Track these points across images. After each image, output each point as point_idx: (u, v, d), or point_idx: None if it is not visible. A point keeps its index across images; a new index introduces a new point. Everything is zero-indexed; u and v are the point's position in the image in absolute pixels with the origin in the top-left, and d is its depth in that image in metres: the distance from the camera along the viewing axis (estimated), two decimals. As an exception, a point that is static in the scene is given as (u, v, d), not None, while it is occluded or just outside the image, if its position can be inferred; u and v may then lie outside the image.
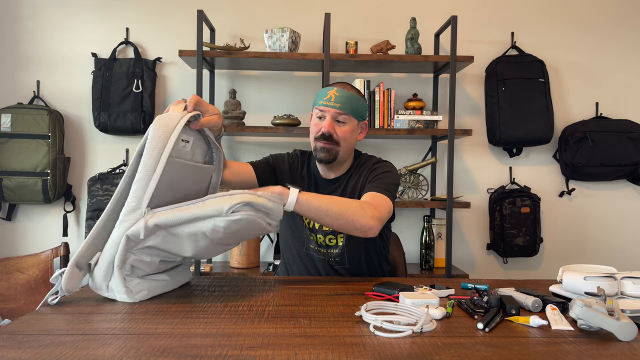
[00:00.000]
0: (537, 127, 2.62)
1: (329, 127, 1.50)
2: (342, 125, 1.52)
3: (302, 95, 2.75)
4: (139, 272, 1.14)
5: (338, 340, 0.85)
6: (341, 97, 1.50)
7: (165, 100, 2.74)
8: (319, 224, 1.54)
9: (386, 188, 1.47)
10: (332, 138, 1.50)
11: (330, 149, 1.51)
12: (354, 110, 1.52)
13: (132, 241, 1.08)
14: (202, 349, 0.80)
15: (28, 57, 2.71)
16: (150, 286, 1.15)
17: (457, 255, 2.79)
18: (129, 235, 1.07)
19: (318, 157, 1.54)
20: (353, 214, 1.27)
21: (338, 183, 1.59)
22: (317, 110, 1.54)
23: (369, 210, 1.31)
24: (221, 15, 2.72)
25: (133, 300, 1.11)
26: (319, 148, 1.52)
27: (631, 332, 0.87)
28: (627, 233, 2.82)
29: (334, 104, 1.50)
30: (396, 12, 2.77)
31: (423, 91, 2.77)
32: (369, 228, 1.29)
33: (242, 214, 1.06)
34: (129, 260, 1.10)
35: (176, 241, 1.11)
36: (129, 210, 1.08)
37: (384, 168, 1.56)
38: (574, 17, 2.80)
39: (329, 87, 1.55)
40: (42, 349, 0.79)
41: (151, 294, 1.15)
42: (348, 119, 1.52)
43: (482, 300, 1.06)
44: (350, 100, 1.51)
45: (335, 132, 1.50)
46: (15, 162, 2.51)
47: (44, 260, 2.55)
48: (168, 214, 1.07)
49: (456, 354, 0.80)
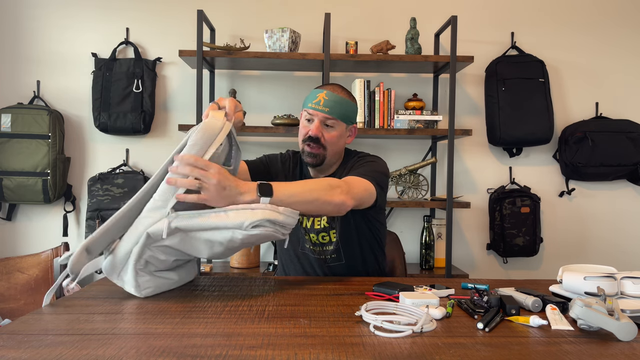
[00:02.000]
0: (537, 127, 2.62)
1: (316, 131, 1.50)
2: (330, 130, 1.52)
3: (302, 95, 2.75)
4: (151, 267, 1.15)
5: (338, 340, 0.85)
6: (330, 101, 1.50)
7: (166, 100, 2.74)
8: (311, 224, 1.56)
9: (366, 174, 1.44)
10: (319, 142, 1.50)
11: (317, 153, 1.51)
12: (342, 114, 1.52)
13: (152, 238, 1.10)
14: (202, 349, 0.80)
15: (28, 57, 2.71)
16: (158, 284, 1.17)
17: (457, 255, 2.79)
18: (150, 233, 1.09)
19: (305, 161, 1.55)
20: (325, 196, 1.24)
21: None
22: (306, 113, 1.53)
23: (338, 187, 1.28)
24: (221, 15, 2.72)
25: (139, 295, 1.13)
26: (306, 152, 1.53)
27: (631, 332, 0.87)
28: (627, 233, 2.82)
29: (323, 107, 1.49)
30: (396, 12, 2.77)
31: (423, 91, 2.77)
32: (341, 203, 1.27)
33: (261, 230, 1.08)
34: (144, 255, 1.12)
35: (193, 244, 1.13)
36: (153, 207, 1.10)
37: (368, 159, 1.56)
38: (574, 17, 2.80)
39: (319, 89, 1.54)
40: (42, 349, 0.79)
41: (156, 292, 1.17)
42: (336, 123, 1.52)
43: (482, 300, 1.06)
44: (339, 104, 1.51)
45: (323, 136, 1.51)
46: (16, 162, 2.51)
47: (44, 260, 2.55)
48: (191, 220, 1.09)
49: (456, 354, 0.80)
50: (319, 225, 1.57)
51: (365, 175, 1.43)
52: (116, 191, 2.56)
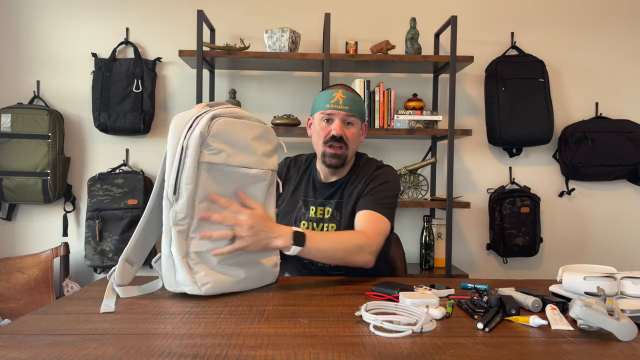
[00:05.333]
0: (537, 127, 2.62)
1: (340, 130, 1.49)
2: (350, 128, 1.53)
3: (302, 95, 2.75)
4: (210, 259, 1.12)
5: (338, 340, 0.85)
6: (348, 99, 1.50)
7: (165, 100, 2.74)
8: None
9: (384, 204, 1.47)
10: (342, 140, 1.49)
11: (340, 154, 1.50)
12: (359, 112, 1.54)
13: (184, 231, 1.09)
14: (202, 348, 0.80)
15: (28, 57, 2.71)
16: (217, 280, 1.12)
17: (457, 255, 2.79)
18: (171, 223, 1.08)
19: (328, 163, 1.52)
20: (351, 256, 1.32)
21: (336, 187, 1.58)
22: (323, 114, 1.52)
23: (367, 247, 1.34)
24: (221, 15, 2.72)
25: (200, 292, 1.09)
26: (329, 154, 1.51)
27: (631, 332, 0.87)
28: (627, 233, 2.82)
29: (343, 106, 1.49)
30: (396, 12, 2.77)
31: (423, 91, 2.77)
32: (365, 263, 1.35)
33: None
34: (191, 249, 1.10)
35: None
36: (166, 201, 1.10)
37: (384, 177, 1.54)
38: (574, 17, 2.80)
39: (332, 89, 1.53)
40: (42, 349, 0.79)
41: (218, 289, 1.12)
42: (355, 121, 1.53)
43: (482, 300, 1.06)
44: (356, 102, 1.53)
45: (345, 134, 1.50)
46: (15, 162, 2.51)
47: (44, 260, 2.55)
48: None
49: (456, 354, 0.80)
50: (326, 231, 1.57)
51: (383, 209, 1.45)
52: (116, 191, 2.56)
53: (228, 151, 1.13)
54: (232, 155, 1.13)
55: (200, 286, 1.09)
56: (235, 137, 1.14)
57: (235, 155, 1.14)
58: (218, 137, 1.11)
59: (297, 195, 1.62)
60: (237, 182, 1.16)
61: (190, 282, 1.09)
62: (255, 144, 1.19)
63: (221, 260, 1.13)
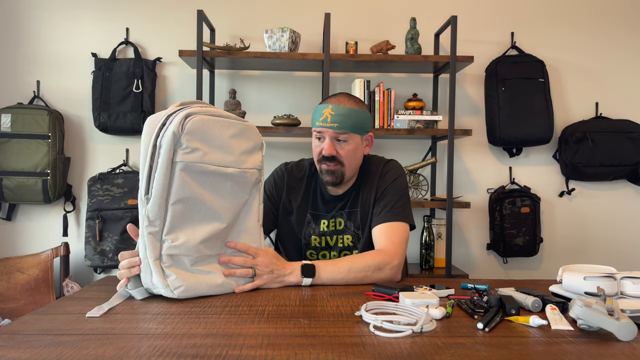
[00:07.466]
0: (536, 127, 2.62)
1: (329, 150, 1.43)
2: (344, 145, 1.44)
3: (302, 95, 2.75)
4: (184, 260, 1.10)
5: (338, 340, 0.85)
6: (337, 115, 1.41)
7: (166, 100, 2.74)
8: (335, 242, 1.56)
9: (397, 208, 1.45)
10: (335, 159, 1.44)
11: (335, 170, 1.46)
12: (353, 126, 1.43)
13: (152, 226, 1.07)
14: (202, 349, 0.80)
15: (28, 57, 2.71)
16: (191, 283, 1.10)
17: (457, 255, 2.79)
18: (145, 224, 1.07)
19: (325, 180, 1.49)
20: (370, 276, 1.32)
21: (346, 199, 1.55)
22: (315, 132, 1.47)
23: (387, 265, 1.34)
24: (221, 15, 2.72)
25: (173, 295, 1.08)
26: (324, 171, 1.48)
27: (631, 332, 0.87)
28: (627, 233, 2.82)
29: (331, 124, 1.42)
30: (396, 12, 2.77)
31: (423, 91, 2.77)
32: (390, 280, 1.36)
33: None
34: (163, 250, 1.08)
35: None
36: (140, 201, 1.09)
37: (393, 174, 1.52)
38: (574, 17, 2.80)
39: (324, 104, 1.46)
40: (42, 349, 0.79)
41: (192, 293, 1.10)
42: (349, 137, 1.44)
43: (482, 300, 1.06)
44: (348, 116, 1.42)
45: (338, 152, 1.44)
46: (15, 162, 2.51)
47: (44, 260, 2.55)
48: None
49: (456, 354, 0.80)
50: (341, 244, 1.55)
51: (400, 215, 1.45)
52: (116, 191, 2.56)
53: (203, 149, 1.09)
54: (207, 154, 1.10)
55: (172, 289, 1.07)
56: (210, 135, 1.11)
57: (211, 153, 1.11)
58: (193, 135, 1.08)
59: (304, 207, 1.57)
60: (214, 181, 1.13)
61: (163, 285, 1.07)
62: (233, 143, 1.15)
63: (194, 263, 1.11)
